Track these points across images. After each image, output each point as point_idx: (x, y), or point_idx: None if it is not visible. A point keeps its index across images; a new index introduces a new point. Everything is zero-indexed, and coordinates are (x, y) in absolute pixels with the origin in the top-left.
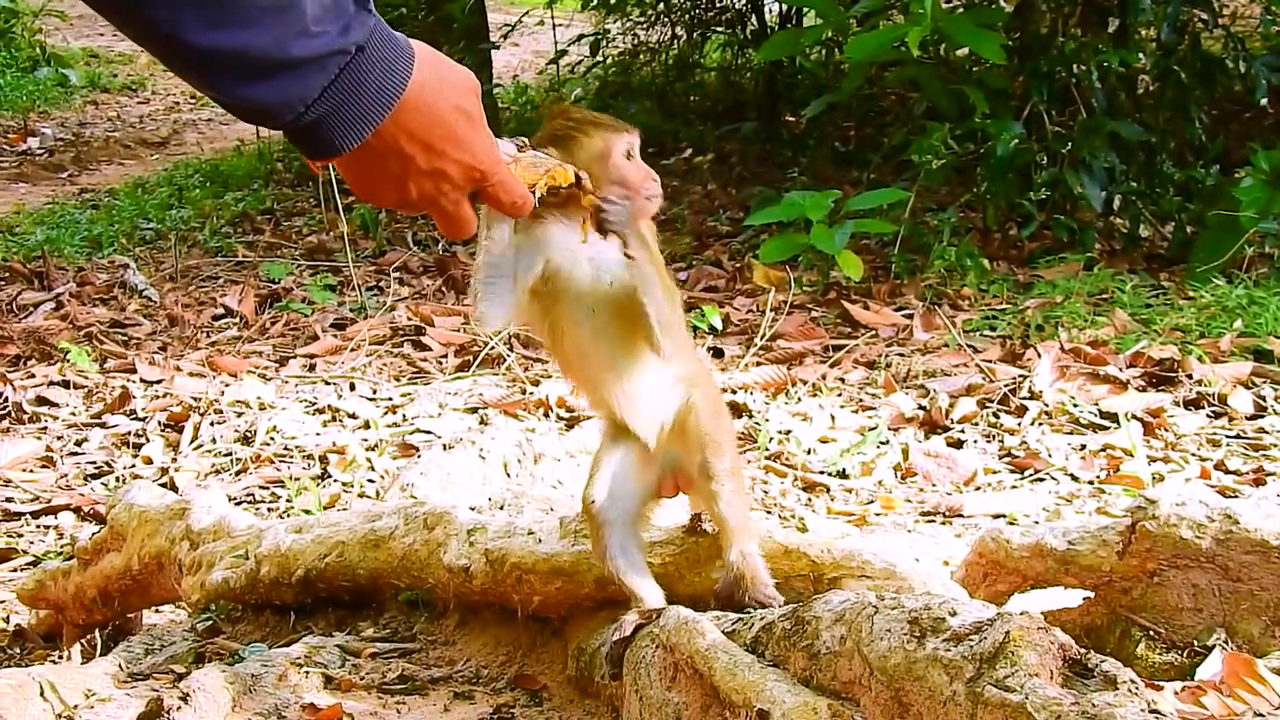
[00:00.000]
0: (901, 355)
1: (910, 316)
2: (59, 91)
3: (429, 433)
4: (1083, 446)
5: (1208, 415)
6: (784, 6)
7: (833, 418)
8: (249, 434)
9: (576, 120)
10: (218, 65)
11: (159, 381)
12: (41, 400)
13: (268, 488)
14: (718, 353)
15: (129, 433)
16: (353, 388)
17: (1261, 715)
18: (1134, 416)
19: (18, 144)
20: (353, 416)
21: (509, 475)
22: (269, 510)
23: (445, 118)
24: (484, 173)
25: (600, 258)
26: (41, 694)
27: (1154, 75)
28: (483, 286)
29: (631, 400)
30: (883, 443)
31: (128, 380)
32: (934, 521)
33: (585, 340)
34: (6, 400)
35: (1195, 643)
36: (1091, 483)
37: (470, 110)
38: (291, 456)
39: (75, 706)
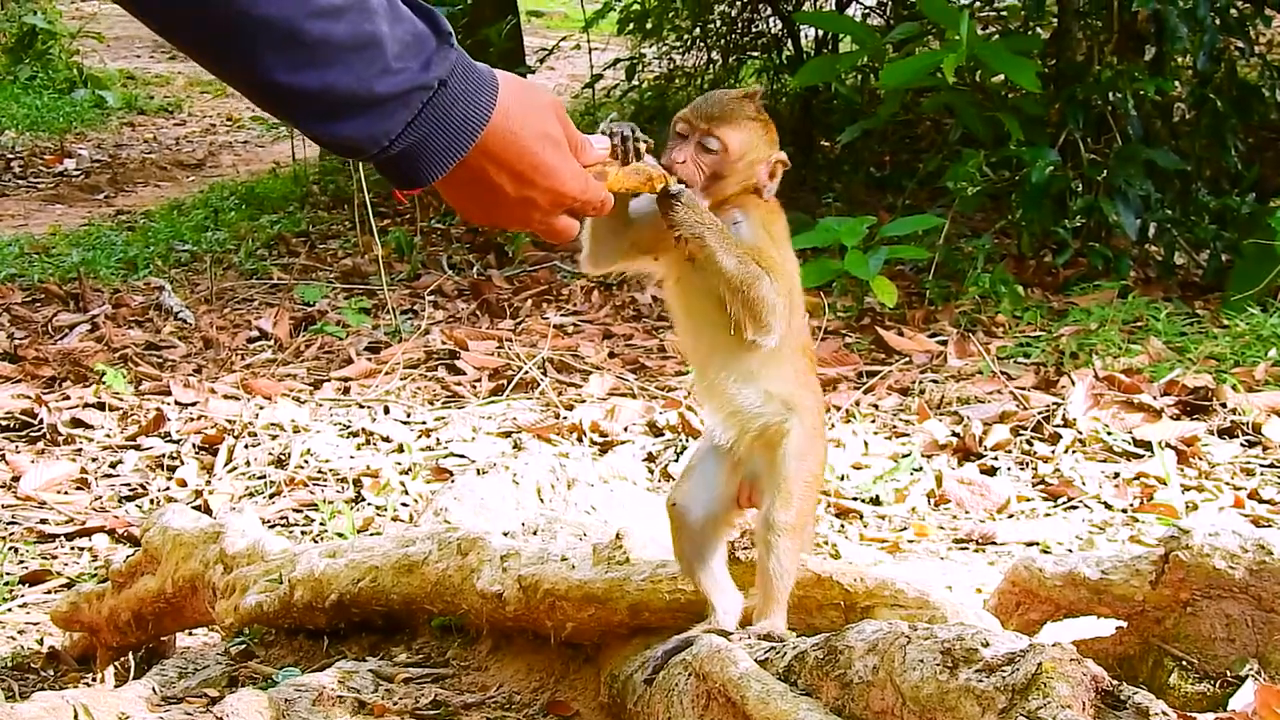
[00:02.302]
0: (935, 382)
1: (944, 343)
2: (95, 113)
3: (463, 457)
4: (1116, 475)
5: (1242, 444)
6: (820, 32)
7: (866, 444)
8: (283, 457)
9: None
10: (304, 104)
11: (194, 404)
12: (76, 422)
13: (301, 511)
14: None
15: (163, 455)
16: (387, 411)
17: None
18: (1168, 445)
19: (54, 165)
20: (387, 440)
21: (542, 500)
22: (303, 534)
23: (531, 146)
24: (573, 197)
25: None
26: (75, 717)
27: (1190, 103)
28: (591, 236)
29: (717, 393)
30: (916, 469)
31: (162, 402)
32: (967, 549)
33: (690, 311)
34: (42, 422)
35: (1228, 673)
36: (1125, 511)
37: (556, 135)
38: (325, 480)
39: None
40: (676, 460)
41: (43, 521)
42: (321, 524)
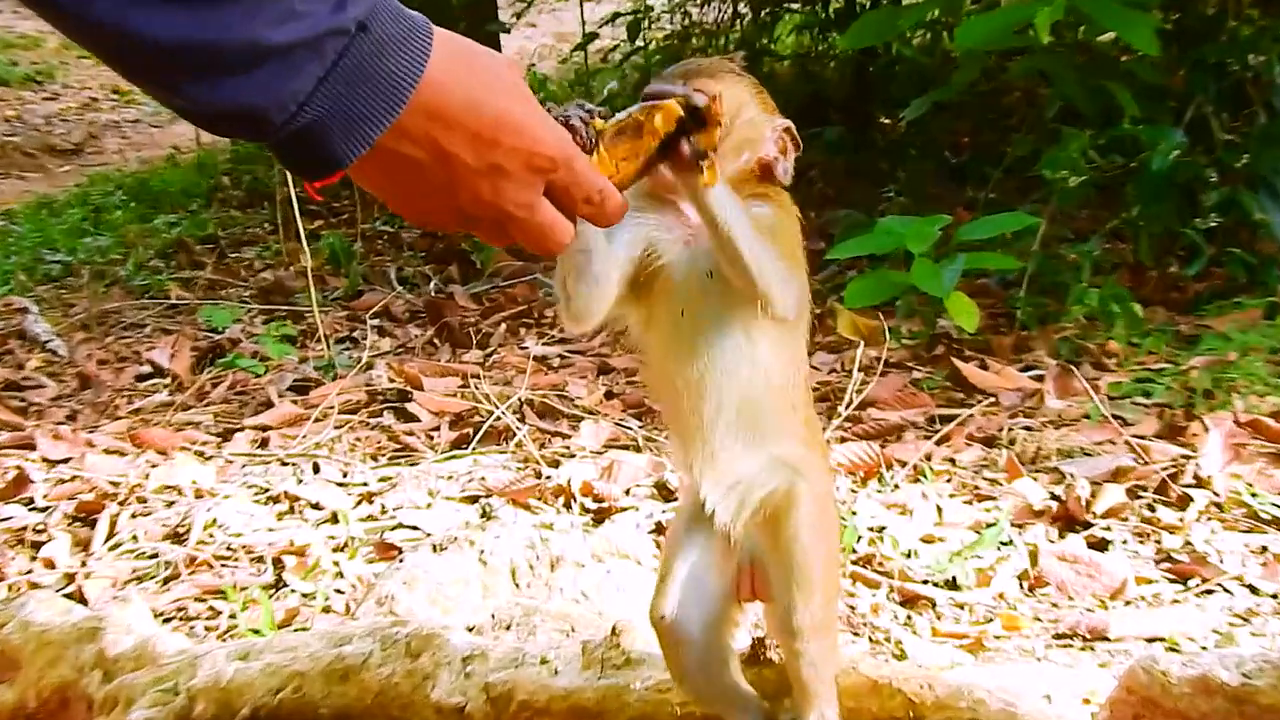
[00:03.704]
0: (1029, 429)
1: (1040, 379)
2: None
3: (415, 529)
4: (1264, 549)
5: None
6: None
7: (939, 510)
8: (181, 530)
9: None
10: (180, 61)
11: (65, 460)
12: None
13: (205, 600)
14: None
15: (25, 527)
16: (316, 470)
17: None
18: None
19: None
20: (316, 508)
21: (518, 585)
22: (206, 630)
23: (486, 97)
24: (552, 159)
25: (701, 239)
26: None
27: None
28: (574, 276)
29: (713, 458)
30: (1004, 543)
31: (24, 459)
32: (1071, 646)
33: (674, 353)
34: None
35: None
36: (1275, 596)
37: (518, 84)
38: (236, 559)
39: None
40: None
41: None
42: (231, 617)
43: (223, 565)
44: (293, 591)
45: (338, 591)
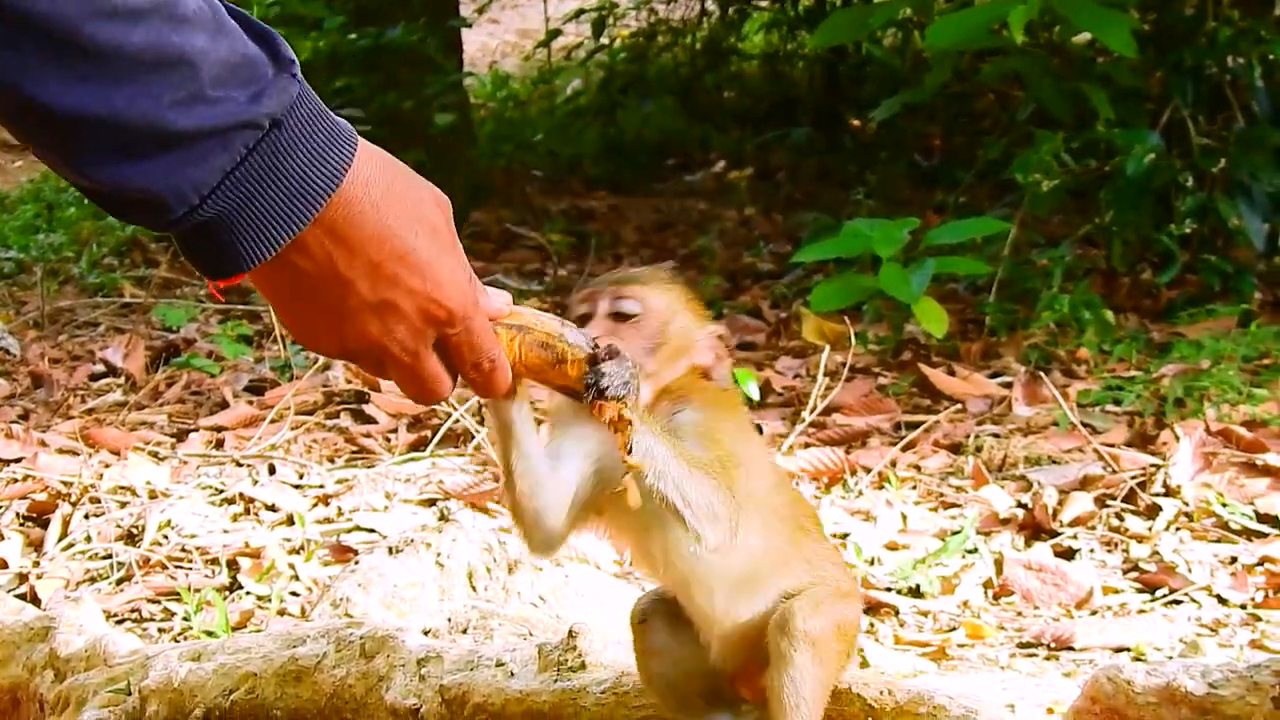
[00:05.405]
0: (996, 436)
1: (1009, 385)
2: None
3: (371, 531)
4: (1233, 559)
5: None
6: None
7: (904, 517)
8: (135, 530)
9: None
10: (80, 134)
11: (18, 460)
12: None
13: (158, 601)
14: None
15: None
16: (272, 471)
17: None
18: None
19: None
20: (271, 509)
21: (475, 588)
22: (160, 631)
23: (398, 229)
24: (450, 313)
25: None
26: None
27: None
28: (528, 515)
29: (719, 625)
30: (969, 551)
31: None
32: (1035, 656)
33: (649, 561)
34: None
35: None
36: (1244, 607)
37: (438, 225)
38: (190, 560)
39: None
40: None
41: None
42: (184, 618)
43: (177, 567)
44: (248, 594)
45: (293, 594)
